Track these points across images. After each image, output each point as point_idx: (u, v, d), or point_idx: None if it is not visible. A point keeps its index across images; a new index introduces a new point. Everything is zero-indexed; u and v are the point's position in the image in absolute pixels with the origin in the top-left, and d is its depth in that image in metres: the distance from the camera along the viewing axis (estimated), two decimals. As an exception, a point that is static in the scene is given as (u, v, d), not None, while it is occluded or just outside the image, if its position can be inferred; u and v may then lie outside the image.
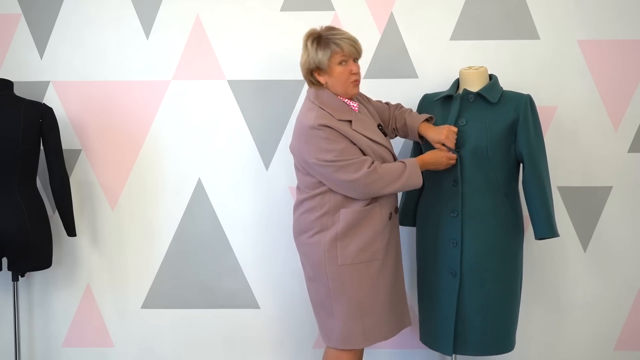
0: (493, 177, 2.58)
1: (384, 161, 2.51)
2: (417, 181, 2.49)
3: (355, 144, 2.46)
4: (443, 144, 2.56)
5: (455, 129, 2.56)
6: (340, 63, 2.45)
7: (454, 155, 2.56)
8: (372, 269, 2.51)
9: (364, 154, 2.47)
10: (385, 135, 2.61)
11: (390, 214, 2.55)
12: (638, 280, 3.04)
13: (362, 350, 2.67)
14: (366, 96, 2.72)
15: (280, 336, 3.12)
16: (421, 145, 2.71)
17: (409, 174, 2.47)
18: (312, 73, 2.49)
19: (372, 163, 2.44)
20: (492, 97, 2.61)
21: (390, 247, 2.57)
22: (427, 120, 2.65)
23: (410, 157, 2.83)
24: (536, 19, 2.98)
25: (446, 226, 2.63)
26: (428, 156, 2.56)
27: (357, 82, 2.51)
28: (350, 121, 2.49)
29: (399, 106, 2.78)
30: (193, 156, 3.08)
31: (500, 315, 2.61)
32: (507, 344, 2.65)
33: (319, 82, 2.50)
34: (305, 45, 2.47)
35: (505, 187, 2.60)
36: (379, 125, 2.61)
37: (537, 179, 2.56)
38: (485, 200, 2.58)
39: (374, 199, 2.50)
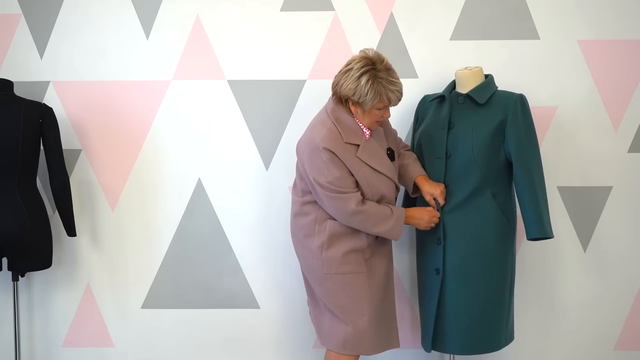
0: (480, 177, 2.57)
1: (380, 195, 2.51)
2: (395, 235, 2.50)
3: (352, 175, 2.46)
4: (434, 199, 2.58)
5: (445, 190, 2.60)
6: (379, 109, 2.45)
7: (438, 214, 2.58)
8: (359, 281, 2.51)
9: (358, 184, 2.48)
10: (393, 159, 2.59)
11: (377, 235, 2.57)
12: (638, 280, 3.04)
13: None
14: None
15: (280, 336, 3.12)
16: (409, 194, 2.74)
17: (391, 227, 2.48)
18: (348, 99, 2.45)
19: (360, 202, 2.44)
20: (480, 98, 2.60)
21: (377, 265, 2.58)
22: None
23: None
24: (536, 19, 2.98)
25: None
26: (414, 212, 2.56)
27: (380, 123, 2.53)
28: (357, 146, 2.48)
29: (407, 146, 2.80)
30: (193, 156, 3.08)
31: (484, 316, 2.59)
32: (491, 344, 2.63)
33: (347, 105, 2.48)
34: (357, 77, 2.37)
35: (493, 187, 2.59)
36: (388, 149, 2.59)
37: (527, 179, 2.54)
38: (469, 200, 2.58)
39: None
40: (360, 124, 2.50)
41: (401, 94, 2.44)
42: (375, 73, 2.38)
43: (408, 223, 2.56)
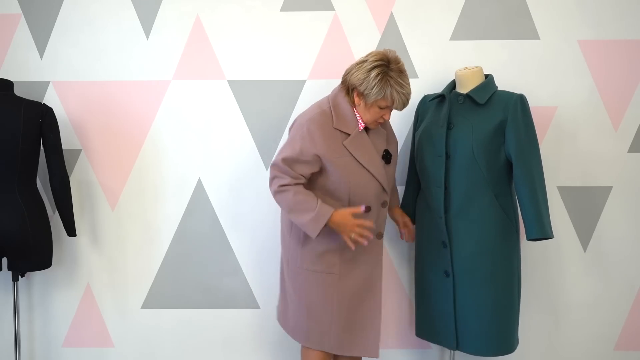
0: (481, 178, 2.56)
1: (362, 190, 2.47)
2: (310, 231, 2.41)
3: (320, 162, 2.44)
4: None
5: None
6: (382, 107, 2.44)
7: (367, 234, 2.41)
8: (329, 281, 2.52)
9: (327, 175, 2.46)
10: (388, 162, 2.57)
11: None
12: (638, 280, 3.04)
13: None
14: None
15: (280, 336, 3.12)
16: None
17: (307, 221, 2.40)
18: (354, 89, 2.46)
19: (285, 185, 2.42)
20: (480, 98, 2.60)
21: (356, 269, 2.55)
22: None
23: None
24: (536, 19, 2.98)
25: (435, 227, 2.64)
26: (337, 217, 2.40)
27: (380, 124, 2.53)
28: (348, 135, 2.48)
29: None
30: (193, 156, 3.08)
31: (494, 316, 2.60)
32: (505, 345, 2.63)
33: (352, 96, 2.48)
34: (368, 69, 2.40)
35: (496, 188, 2.58)
36: (385, 152, 2.57)
37: (527, 179, 2.53)
38: (472, 201, 2.57)
39: None
40: (358, 116, 2.50)
41: (407, 99, 2.43)
42: (387, 71, 2.39)
43: (331, 226, 2.43)
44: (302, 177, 2.46)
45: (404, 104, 2.43)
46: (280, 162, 2.45)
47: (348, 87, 2.48)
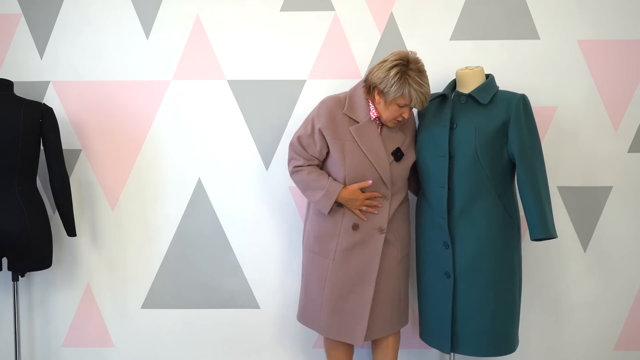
0: (484, 178, 2.56)
1: (354, 175, 2.57)
2: (322, 208, 2.60)
3: (327, 146, 2.58)
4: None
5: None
6: (400, 105, 2.51)
7: (375, 203, 2.59)
8: (325, 265, 2.63)
9: (328, 158, 2.61)
10: (398, 160, 2.61)
11: (355, 224, 2.60)
12: (638, 280, 3.04)
13: (346, 347, 2.72)
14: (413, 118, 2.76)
15: (280, 336, 3.12)
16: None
17: (319, 199, 2.59)
18: (375, 87, 2.53)
19: (299, 167, 2.63)
20: (482, 98, 2.60)
21: (353, 258, 2.60)
22: None
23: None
24: (536, 19, 2.98)
25: (437, 228, 2.63)
26: (347, 193, 2.57)
27: (399, 122, 2.59)
28: (356, 122, 2.57)
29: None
30: (193, 156, 3.08)
31: (497, 317, 2.59)
32: (506, 346, 2.63)
33: (374, 94, 2.55)
34: (388, 68, 2.48)
35: (499, 188, 2.58)
36: (397, 149, 2.61)
37: (530, 180, 2.53)
38: (476, 202, 2.57)
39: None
40: (372, 107, 2.58)
41: (426, 98, 2.50)
42: (406, 70, 2.48)
43: (341, 202, 2.59)
44: (315, 158, 2.63)
45: (422, 103, 2.51)
46: (296, 142, 2.64)
47: (370, 86, 2.56)
